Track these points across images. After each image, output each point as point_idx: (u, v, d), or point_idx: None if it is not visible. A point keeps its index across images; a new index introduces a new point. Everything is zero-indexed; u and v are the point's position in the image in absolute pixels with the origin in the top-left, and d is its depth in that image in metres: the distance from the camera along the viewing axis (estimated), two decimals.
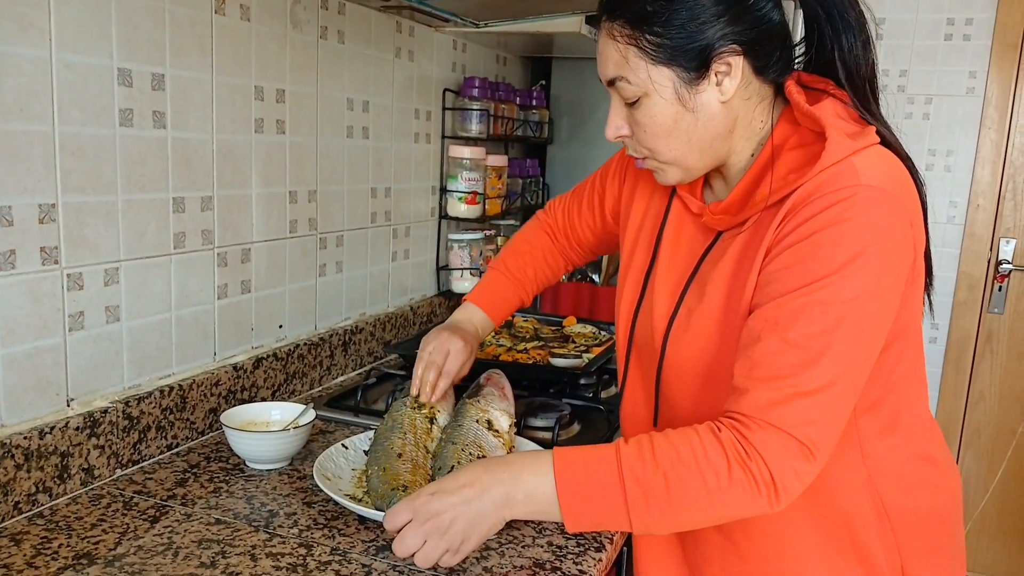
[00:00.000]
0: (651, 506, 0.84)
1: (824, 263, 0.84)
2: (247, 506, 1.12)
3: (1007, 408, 2.87)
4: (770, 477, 0.83)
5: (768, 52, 0.94)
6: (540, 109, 2.44)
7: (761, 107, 0.97)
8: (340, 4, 1.63)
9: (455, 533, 0.88)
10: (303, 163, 1.58)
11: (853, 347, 0.85)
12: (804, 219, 0.87)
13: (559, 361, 1.65)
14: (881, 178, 0.87)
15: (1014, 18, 2.69)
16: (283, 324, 1.57)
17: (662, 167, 0.99)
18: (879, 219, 0.85)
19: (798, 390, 0.83)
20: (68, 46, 1.09)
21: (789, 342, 0.84)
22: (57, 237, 1.10)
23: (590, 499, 0.86)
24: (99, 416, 1.16)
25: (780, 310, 0.86)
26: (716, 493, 0.83)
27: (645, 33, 0.91)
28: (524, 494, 0.88)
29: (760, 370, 0.85)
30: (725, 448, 0.84)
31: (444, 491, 0.89)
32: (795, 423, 0.83)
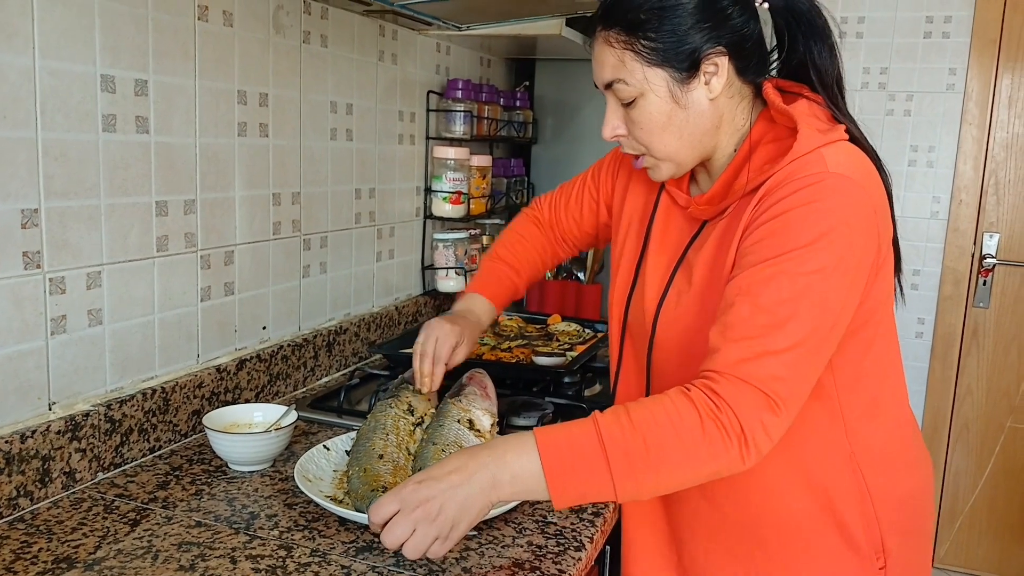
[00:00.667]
0: (634, 470, 0.88)
1: (793, 238, 0.92)
2: (228, 508, 1.13)
3: (995, 402, 2.90)
4: (740, 428, 0.88)
5: (748, 54, 1.03)
6: (524, 110, 2.46)
7: (742, 105, 1.06)
8: (323, 9, 1.64)
9: (444, 519, 0.89)
10: (286, 166, 1.59)
11: (818, 314, 0.91)
12: (776, 200, 0.95)
13: (542, 360, 1.66)
14: (847, 167, 0.95)
15: (992, 15, 2.71)
16: (267, 326, 1.59)
17: (656, 164, 1.08)
18: (844, 203, 0.93)
19: (766, 349, 0.89)
20: (52, 53, 1.10)
21: (759, 307, 0.91)
22: (40, 241, 1.11)
23: (575, 472, 0.89)
24: (81, 419, 1.17)
25: (752, 278, 0.93)
26: (692, 448, 0.88)
27: (640, 38, 0.99)
28: (510, 475, 0.90)
29: (731, 331, 0.91)
30: (696, 405, 0.89)
31: (431, 478, 0.91)
32: (762, 378, 0.89)
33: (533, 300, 2.53)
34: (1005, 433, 2.90)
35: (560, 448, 0.90)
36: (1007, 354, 2.87)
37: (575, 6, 1.78)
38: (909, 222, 2.90)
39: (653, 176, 1.11)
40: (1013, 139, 2.78)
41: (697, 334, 1.02)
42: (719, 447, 0.88)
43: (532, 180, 2.64)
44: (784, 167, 0.97)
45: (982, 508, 2.94)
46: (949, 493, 2.97)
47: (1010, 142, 2.79)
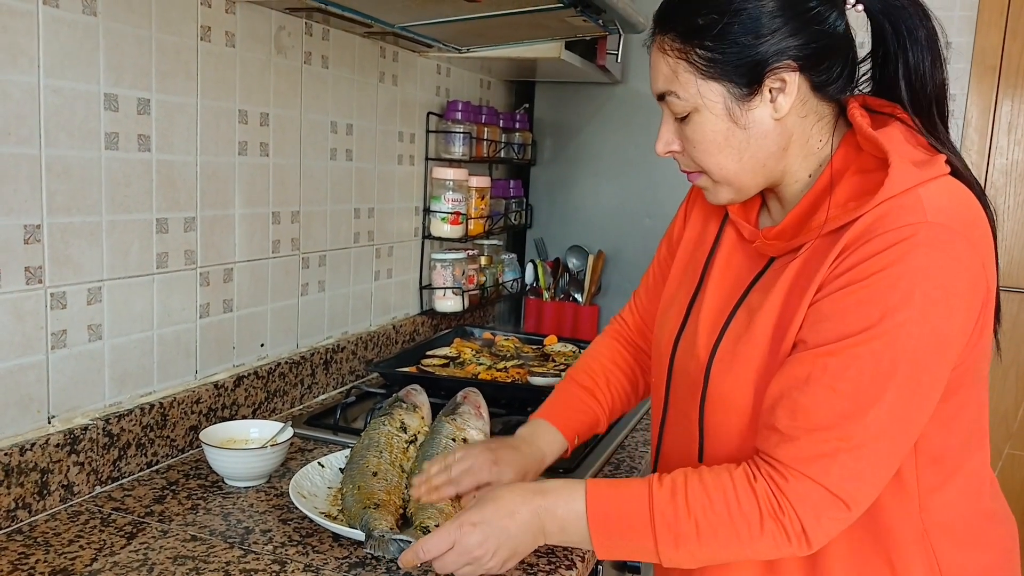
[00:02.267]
0: (680, 549, 0.87)
1: (881, 307, 0.80)
2: (223, 523, 1.14)
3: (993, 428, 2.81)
4: (801, 529, 0.83)
5: (828, 67, 0.90)
6: (523, 131, 2.49)
7: (819, 126, 0.93)
8: (324, 30, 1.66)
9: (496, 562, 0.92)
10: (286, 184, 1.61)
11: (906, 400, 0.81)
12: (863, 258, 0.82)
13: (538, 380, 1.67)
14: (948, 214, 0.82)
15: (992, 41, 2.74)
16: (264, 343, 1.60)
17: (714, 186, 0.97)
18: (943, 262, 0.80)
19: (842, 444, 0.81)
20: (56, 72, 1.12)
21: (837, 391, 0.82)
22: (42, 257, 1.13)
23: (620, 537, 0.89)
24: (79, 433, 1.18)
25: (831, 357, 0.82)
26: (747, 543, 0.85)
27: (696, 47, 0.89)
28: (559, 527, 0.92)
29: (804, 418, 0.83)
30: (759, 499, 0.84)
31: (484, 522, 0.92)
32: (836, 479, 0.82)
33: (530, 320, 2.54)
34: (1003, 459, 2.89)
35: (608, 511, 0.89)
36: (1005, 380, 2.87)
37: (574, 30, 1.80)
38: None
39: (710, 199, 0.99)
40: (1013, 165, 2.80)
41: (758, 388, 0.91)
42: (776, 544, 0.85)
43: (531, 202, 2.67)
44: (874, 208, 0.83)
45: None
46: None
47: (1010, 168, 2.80)
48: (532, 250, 2.66)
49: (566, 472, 1.36)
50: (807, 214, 0.92)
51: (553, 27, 1.77)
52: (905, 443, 0.85)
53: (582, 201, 2.63)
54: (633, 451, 1.53)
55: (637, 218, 2.56)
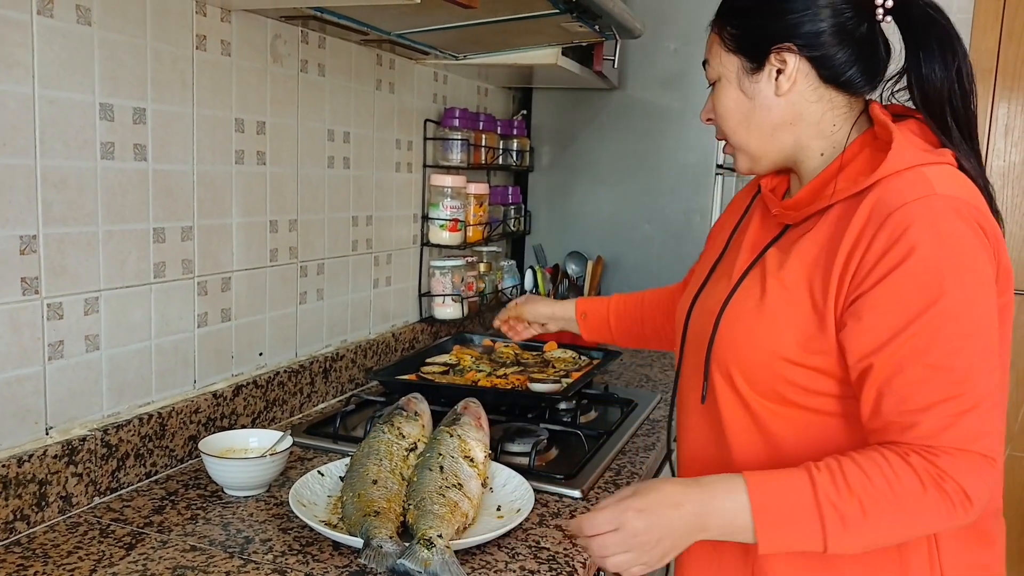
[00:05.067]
0: (848, 530, 0.88)
1: (934, 283, 0.87)
2: (223, 532, 1.13)
3: None
4: (964, 496, 0.86)
5: (836, 61, 0.98)
6: (521, 138, 2.49)
7: (834, 113, 1.02)
8: (320, 38, 1.66)
9: (659, 552, 0.93)
10: (284, 193, 1.61)
11: (988, 353, 0.88)
12: (892, 240, 0.89)
13: (538, 386, 1.67)
14: (957, 190, 0.91)
15: (988, 44, 2.75)
16: (263, 352, 1.59)
17: (736, 153, 1.10)
18: (964, 229, 0.89)
19: (961, 408, 0.87)
20: (51, 83, 1.12)
21: (933, 366, 0.87)
22: (38, 267, 1.13)
23: (786, 526, 0.89)
24: (77, 444, 1.17)
25: (911, 339, 0.88)
26: (913, 515, 0.88)
27: (727, 25, 1.04)
28: (720, 520, 0.92)
29: (915, 401, 0.88)
30: (917, 472, 0.87)
31: (650, 510, 0.93)
32: (971, 439, 0.87)
33: None
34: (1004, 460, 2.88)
35: (772, 502, 0.90)
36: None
37: (570, 36, 1.81)
38: None
39: (736, 166, 1.12)
40: (1010, 167, 2.80)
41: (760, 337, 1.00)
42: (945, 513, 0.87)
43: (529, 208, 2.66)
44: (883, 180, 0.92)
45: None
46: None
47: (1007, 170, 2.80)
48: (531, 256, 2.66)
49: (567, 478, 1.35)
50: (820, 187, 1.01)
51: (549, 33, 1.77)
52: (1003, 391, 0.91)
53: (581, 207, 2.63)
54: (634, 456, 1.52)
55: (636, 223, 2.56)
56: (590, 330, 1.55)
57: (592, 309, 1.55)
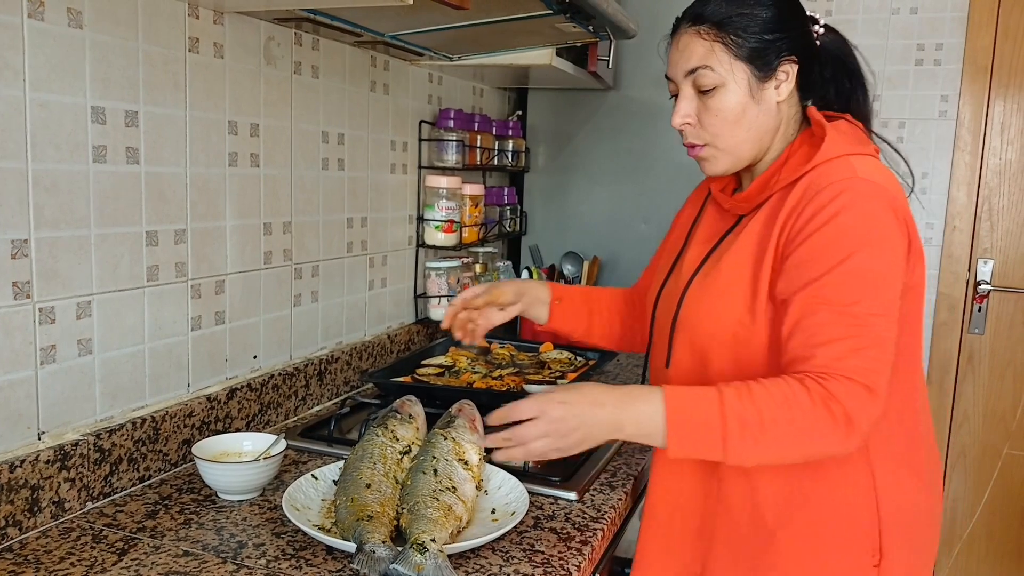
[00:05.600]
0: (745, 436, 1.00)
1: (847, 242, 1.03)
2: (216, 537, 1.13)
3: (991, 429, 2.88)
4: (847, 417, 0.99)
5: (810, 72, 1.18)
6: (516, 138, 2.48)
7: (796, 117, 1.20)
8: (314, 40, 1.66)
9: (572, 440, 1.06)
10: (278, 195, 1.60)
11: (885, 307, 1.03)
12: (817, 210, 1.06)
13: (533, 388, 1.66)
14: (875, 176, 1.07)
15: (983, 42, 2.74)
16: (257, 355, 1.59)
17: (715, 155, 1.18)
18: (877, 207, 1.05)
19: (856, 346, 1.01)
20: (42, 86, 1.11)
21: (837, 311, 1.02)
22: (30, 272, 1.12)
23: (694, 428, 1.02)
24: (70, 449, 1.17)
25: (821, 288, 1.03)
26: (803, 430, 1.00)
27: (730, 33, 1.12)
28: (635, 420, 1.05)
29: (819, 338, 1.02)
30: (810, 391, 1.00)
31: (571, 402, 1.06)
32: (861, 371, 1.00)
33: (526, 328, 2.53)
34: (1002, 459, 2.88)
35: (684, 406, 1.03)
36: (1003, 380, 2.87)
37: (564, 36, 1.80)
38: None
39: (708, 168, 1.20)
40: (1006, 165, 2.80)
41: (718, 313, 1.14)
42: (829, 431, 0.99)
43: (525, 208, 2.66)
44: (814, 168, 1.09)
45: (980, 535, 2.92)
46: (947, 519, 2.95)
47: (1003, 168, 2.80)
48: (527, 257, 2.66)
49: (562, 481, 1.35)
50: (767, 180, 1.17)
51: (544, 34, 1.77)
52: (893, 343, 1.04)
53: (577, 207, 2.62)
54: (630, 457, 1.52)
55: (632, 223, 2.56)
56: (561, 318, 1.49)
57: (568, 296, 1.50)
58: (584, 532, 1.20)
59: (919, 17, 2.80)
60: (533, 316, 1.49)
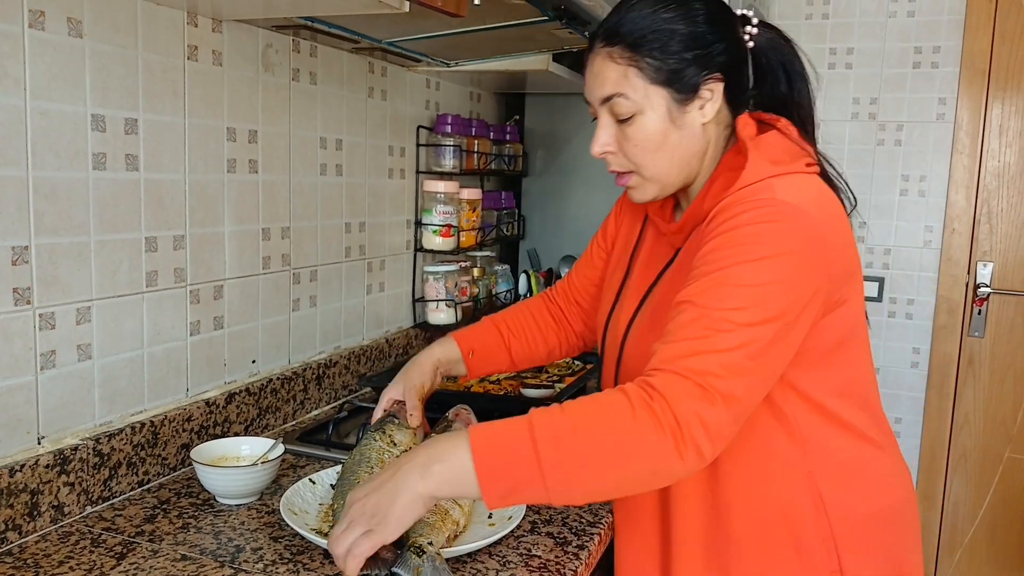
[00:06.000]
0: (561, 456, 0.85)
1: (740, 252, 0.94)
2: (214, 541, 1.14)
3: (992, 432, 2.88)
4: (674, 419, 0.85)
5: (738, 85, 1.08)
6: (514, 143, 2.49)
7: (725, 134, 1.10)
8: (312, 47, 1.67)
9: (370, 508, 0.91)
10: (276, 201, 1.61)
11: (759, 323, 0.91)
12: (722, 221, 0.97)
13: (531, 392, 1.67)
14: (795, 197, 0.97)
15: (981, 45, 2.75)
16: (256, 359, 1.60)
17: (642, 183, 1.10)
18: (792, 229, 0.95)
19: (705, 349, 0.89)
20: (42, 94, 1.13)
21: (700, 313, 0.91)
22: (30, 278, 1.13)
23: (503, 457, 0.87)
24: (69, 453, 1.18)
25: (695, 288, 0.94)
26: (622, 434, 0.86)
27: (645, 56, 1.03)
28: (440, 463, 0.89)
29: (672, 335, 0.92)
30: (629, 396, 0.88)
31: (368, 485, 0.94)
32: (697, 371, 0.87)
33: None
34: (1003, 463, 2.88)
35: (491, 436, 0.89)
36: (1003, 383, 2.87)
37: (560, 42, 1.81)
38: (903, 251, 2.92)
39: (636, 196, 1.12)
40: (1004, 168, 2.81)
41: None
42: (651, 435, 0.85)
43: (523, 212, 2.67)
44: (732, 193, 1.00)
45: (982, 539, 2.92)
46: (948, 524, 2.95)
47: (1001, 171, 2.81)
48: (525, 261, 2.67)
49: None
50: (697, 207, 1.08)
51: (540, 40, 1.78)
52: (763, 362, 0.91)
53: (574, 211, 2.63)
54: None
55: None
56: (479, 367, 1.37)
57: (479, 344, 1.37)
58: (581, 537, 1.21)
59: (916, 20, 2.81)
60: (455, 374, 1.38)
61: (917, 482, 2.94)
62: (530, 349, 1.40)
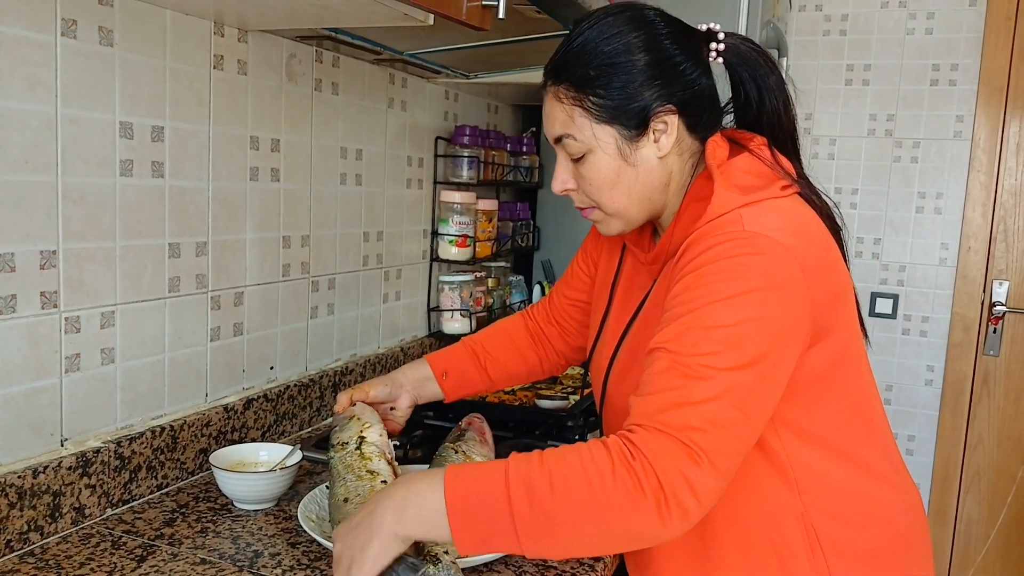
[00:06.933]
0: (535, 510, 0.82)
1: (709, 291, 0.89)
2: (233, 546, 1.15)
3: (1007, 452, 2.87)
4: (657, 481, 0.81)
5: (699, 111, 1.03)
6: (530, 155, 2.51)
7: (691, 162, 1.05)
8: (334, 58, 1.69)
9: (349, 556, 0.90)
10: (297, 209, 1.63)
11: (737, 367, 0.86)
12: (692, 256, 0.93)
13: (545, 403, 1.68)
14: (766, 226, 0.92)
15: (999, 63, 2.75)
16: (274, 366, 1.61)
17: (606, 218, 1.07)
18: (764, 261, 0.90)
19: (684, 400, 0.84)
20: (73, 102, 1.15)
21: (676, 360, 0.86)
22: (57, 282, 1.15)
23: (476, 506, 0.85)
24: (91, 456, 1.20)
25: (667, 334, 0.89)
26: (600, 494, 0.81)
27: (589, 95, 0.99)
28: (414, 507, 0.88)
29: (648, 386, 0.88)
30: (610, 451, 0.83)
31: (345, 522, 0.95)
32: (679, 427, 0.83)
33: None
34: (1017, 482, 2.86)
35: (466, 480, 0.86)
36: (1018, 403, 2.86)
37: None
38: (918, 269, 2.91)
39: (602, 230, 1.10)
40: (1021, 186, 2.80)
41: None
42: (631, 497, 0.81)
43: (538, 224, 2.68)
44: (701, 227, 0.96)
45: (995, 558, 2.91)
46: (961, 543, 2.93)
47: (1019, 189, 2.81)
48: (539, 272, 2.67)
49: None
50: (666, 242, 1.04)
51: None
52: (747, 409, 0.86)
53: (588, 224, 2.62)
54: None
55: None
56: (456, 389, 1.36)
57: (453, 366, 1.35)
58: None
59: (934, 37, 2.82)
60: (429, 397, 1.34)
61: (930, 500, 2.92)
62: (508, 369, 1.38)
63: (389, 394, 1.31)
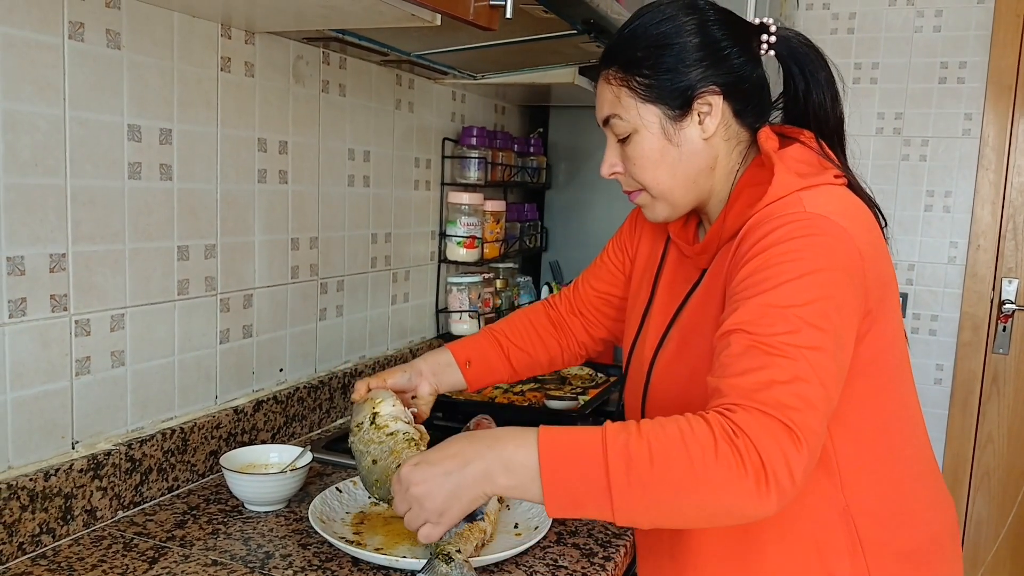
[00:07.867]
0: (632, 480, 0.81)
1: (778, 272, 0.89)
2: (244, 547, 1.15)
3: (1016, 450, 2.86)
4: (759, 459, 0.80)
5: (746, 97, 1.05)
6: (538, 156, 2.50)
7: (738, 149, 1.07)
8: (341, 59, 1.69)
9: (433, 507, 0.92)
10: (305, 211, 1.63)
11: (816, 345, 0.86)
12: (756, 239, 0.93)
13: (555, 403, 1.68)
14: (826, 208, 0.94)
15: (1008, 61, 2.74)
16: (283, 368, 1.61)
17: (652, 202, 1.09)
18: (826, 242, 0.91)
19: (774, 379, 0.84)
20: (82, 104, 1.15)
21: (756, 342, 0.86)
22: (67, 285, 1.15)
23: (571, 471, 0.84)
24: (102, 458, 1.20)
25: (742, 316, 0.89)
26: (700, 469, 0.81)
27: (635, 76, 1.03)
28: (505, 467, 0.87)
29: (731, 368, 0.87)
30: (711, 425, 0.82)
31: (426, 462, 0.93)
32: (776, 406, 0.82)
33: None
34: None
35: (561, 444, 0.85)
36: None
37: (587, 55, 1.82)
38: (927, 267, 2.90)
39: (648, 215, 1.11)
40: None
41: (688, 383, 1.02)
42: (733, 473, 0.80)
43: (546, 225, 2.68)
44: (760, 210, 0.97)
45: (1005, 557, 2.89)
46: (971, 542, 2.92)
47: None
48: (547, 273, 2.67)
49: None
50: (719, 226, 1.05)
51: (567, 53, 1.79)
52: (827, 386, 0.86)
53: (596, 224, 2.64)
54: None
55: None
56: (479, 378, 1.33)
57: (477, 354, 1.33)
58: (607, 548, 1.21)
59: (942, 35, 2.81)
60: (450, 385, 1.31)
61: None
62: (531, 358, 1.37)
63: (408, 381, 1.28)
